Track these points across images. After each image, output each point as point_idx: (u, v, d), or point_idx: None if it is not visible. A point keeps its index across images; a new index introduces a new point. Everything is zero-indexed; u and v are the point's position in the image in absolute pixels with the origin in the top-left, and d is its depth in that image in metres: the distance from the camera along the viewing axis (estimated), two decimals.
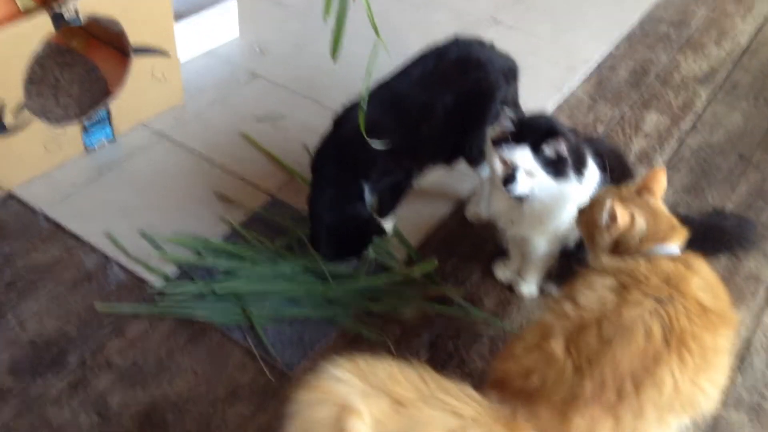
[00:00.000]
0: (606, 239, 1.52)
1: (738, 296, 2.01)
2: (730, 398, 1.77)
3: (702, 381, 1.31)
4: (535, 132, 1.63)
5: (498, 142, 1.66)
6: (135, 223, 2.06)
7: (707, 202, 2.28)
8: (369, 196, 1.89)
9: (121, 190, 2.17)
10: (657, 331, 1.29)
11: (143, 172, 2.24)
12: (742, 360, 1.86)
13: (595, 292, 1.37)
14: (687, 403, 1.31)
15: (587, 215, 1.59)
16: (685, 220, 1.58)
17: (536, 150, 1.62)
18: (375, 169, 1.85)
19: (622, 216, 1.48)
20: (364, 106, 1.46)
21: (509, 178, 1.64)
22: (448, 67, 1.94)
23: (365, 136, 1.55)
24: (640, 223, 1.50)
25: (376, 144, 1.66)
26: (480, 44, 1.99)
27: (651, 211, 1.52)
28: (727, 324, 1.38)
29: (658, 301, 1.33)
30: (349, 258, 1.93)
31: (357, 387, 1.18)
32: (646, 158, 2.44)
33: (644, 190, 1.55)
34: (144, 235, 2.02)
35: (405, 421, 1.18)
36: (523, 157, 1.62)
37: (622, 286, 1.37)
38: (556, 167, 1.64)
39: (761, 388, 1.80)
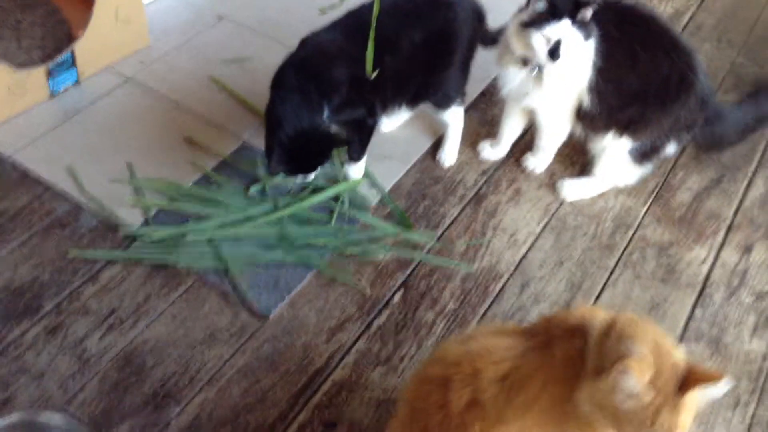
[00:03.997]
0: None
1: (700, 234, 2.08)
2: (691, 332, 1.85)
3: None
4: (566, 4, 1.79)
5: (533, 23, 1.80)
6: (104, 168, 2.04)
7: None
8: (330, 121, 1.86)
9: (89, 135, 2.14)
10: None
11: (110, 116, 2.21)
12: (702, 294, 1.94)
13: None
14: None
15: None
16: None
17: (574, 19, 1.79)
18: (337, 93, 1.83)
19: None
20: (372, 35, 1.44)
21: (554, 51, 1.80)
22: (418, 4, 1.93)
23: (369, 69, 1.53)
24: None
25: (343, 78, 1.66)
26: None
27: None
28: None
29: None
30: (304, 172, 1.90)
31: None
32: None
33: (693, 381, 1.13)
34: (116, 180, 2.00)
35: None
36: (566, 28, 1.79)
37: None
38: (586, 29, 1.82)
39: (720, 321, 1.88)
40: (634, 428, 1.13)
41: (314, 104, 1.80)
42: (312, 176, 1.94)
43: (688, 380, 1.12)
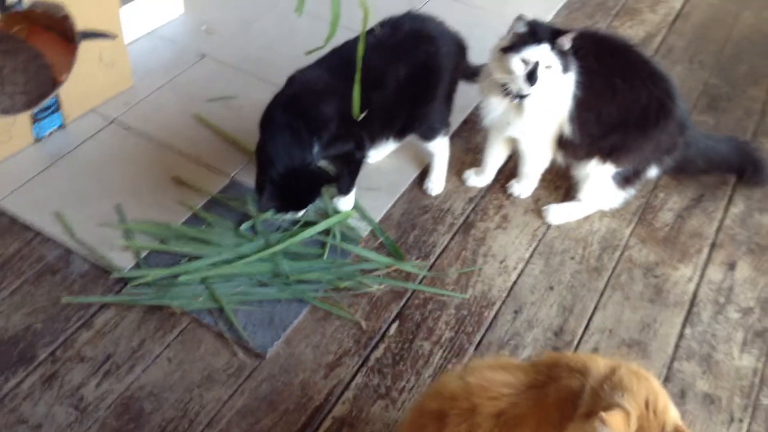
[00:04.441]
0: None
1: (684, 253, 2.12)
2: (682, 351, 1.88)
3: None
4: (546, 32, 1.84)
5: (513, 47, 1.84)
6: (93, 211, 2.04)
7: None
8: (319, 157, 1.89)
9: (76, 179, 2.14)
10: None
11: (97, 158, 2.21)
12: (690, 313, 1.97)
13: None
14: None
15: None
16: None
17: (552, 46, 1.83)
18: (326, 129, 1.85)
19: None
20: (358, 75, 1.47)
21: (531, 74, 1.83)
22: (402, 39, 1.97)
23: (356, 113, 1.55)
24: None
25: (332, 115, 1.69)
26: (432, 19, 2.02)
27: None
28: None
29: None
30: (295, 209, 1.92)
31: None
32: None
33: None
34: (105, 223, 2.00)
35: None
36: (544, 52, 1.83)
37: None
38: (565, 60, 1.86)
39: (710, 339, 1.92)
40: None
41: (304, 142, 1.82)
42: (302, 213, 1.95)
43: None
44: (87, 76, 2.23)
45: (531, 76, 1.84)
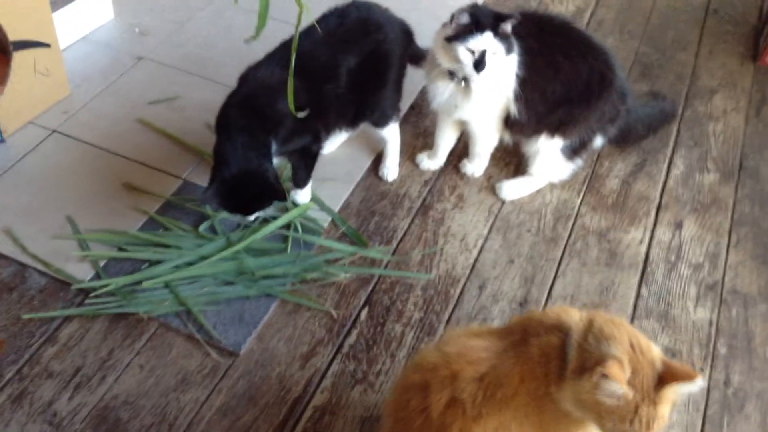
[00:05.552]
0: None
1: (633, 217, 2.21)
2: (641, 309, 1.96)
3: None
4: (488, 18, 1.86)
5: (458, 37, 1.86)
6: (44, 225, 1.98)
7: None
8: (276, 157, 1.88)
9: (22, 194, 2.07)
10: None
11: (41, 171, 2.14)
12: (645, 273, 2.05)
13: None
14: None
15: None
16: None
17: (495, 32, 1.86)
18: (283, 127, 1.85)
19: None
20: (291, 71, 1.45)
21: (479, 62, 1.86)
22: (350, 29, 1.97)
23: (292, 110, 1.54)
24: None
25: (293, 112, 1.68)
26: (377, 6, 2.04)
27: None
28: None
29: None
30: (241, 213, 1.88)
31: None
32: None
33: (671, 378, 1.20)
34: (58, 236, 1.95)
35: None
36: (489, 40, 1.85)
37: None
38: (508, 43, 1.89)
39: (666, 296, 2.00)
40: (614, 422, 1.20)
41: (260, 143, 1.81)
42: (252, 218, 1.93)
43: (665, 376, 1.20)
44: (23, 87, 2.16)
45: (479, 65, 1.87)
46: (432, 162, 2.27)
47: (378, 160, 2.26)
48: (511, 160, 2.33)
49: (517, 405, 1.27)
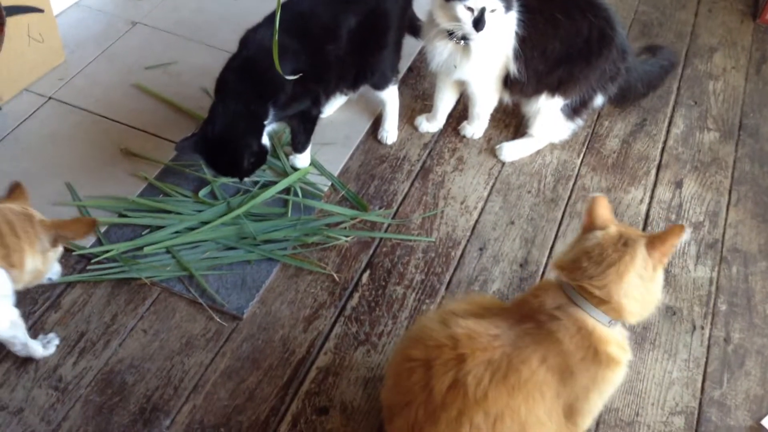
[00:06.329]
0: None
1: (633, 177, 2.20)
2: None
3: None
4: None
5: None
6: (43, 191, 1.97)
7: None
8: (272, 125, 1.88)
9: (20, 161, 2.06)
10: None
11: (38, 138, 2.13)
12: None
13: None
14: None
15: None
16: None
17: None
18: (282, 92, 1.83)
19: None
20: (276, 36, 1.43)
21: (478, 20, 1.83)
22: None
23: (279, 69, 1.52)
24: None
25: (289, 75, 1.66)
26: None
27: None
28: None
29: None
30: (213, 169, 1.89)
31: None
32: None
33: (657, 241, 1.33)
34: (58, 203, 1.94)
35: None
36: None
37: None
38: (507, 1, 1.87)
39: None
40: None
41: (253, 115, 1.80)
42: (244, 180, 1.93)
43: (659, 240, 1.32)
44: (17, 54, 2.14)
45: (478, 23, 1.85)
46: (431, 124, 2.26)
47: (377, 123, 2.25)
48: (510, 121, 2.32)
49: (532, 385, 1.28)
